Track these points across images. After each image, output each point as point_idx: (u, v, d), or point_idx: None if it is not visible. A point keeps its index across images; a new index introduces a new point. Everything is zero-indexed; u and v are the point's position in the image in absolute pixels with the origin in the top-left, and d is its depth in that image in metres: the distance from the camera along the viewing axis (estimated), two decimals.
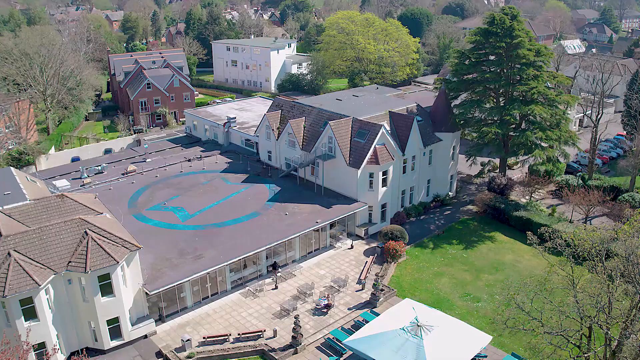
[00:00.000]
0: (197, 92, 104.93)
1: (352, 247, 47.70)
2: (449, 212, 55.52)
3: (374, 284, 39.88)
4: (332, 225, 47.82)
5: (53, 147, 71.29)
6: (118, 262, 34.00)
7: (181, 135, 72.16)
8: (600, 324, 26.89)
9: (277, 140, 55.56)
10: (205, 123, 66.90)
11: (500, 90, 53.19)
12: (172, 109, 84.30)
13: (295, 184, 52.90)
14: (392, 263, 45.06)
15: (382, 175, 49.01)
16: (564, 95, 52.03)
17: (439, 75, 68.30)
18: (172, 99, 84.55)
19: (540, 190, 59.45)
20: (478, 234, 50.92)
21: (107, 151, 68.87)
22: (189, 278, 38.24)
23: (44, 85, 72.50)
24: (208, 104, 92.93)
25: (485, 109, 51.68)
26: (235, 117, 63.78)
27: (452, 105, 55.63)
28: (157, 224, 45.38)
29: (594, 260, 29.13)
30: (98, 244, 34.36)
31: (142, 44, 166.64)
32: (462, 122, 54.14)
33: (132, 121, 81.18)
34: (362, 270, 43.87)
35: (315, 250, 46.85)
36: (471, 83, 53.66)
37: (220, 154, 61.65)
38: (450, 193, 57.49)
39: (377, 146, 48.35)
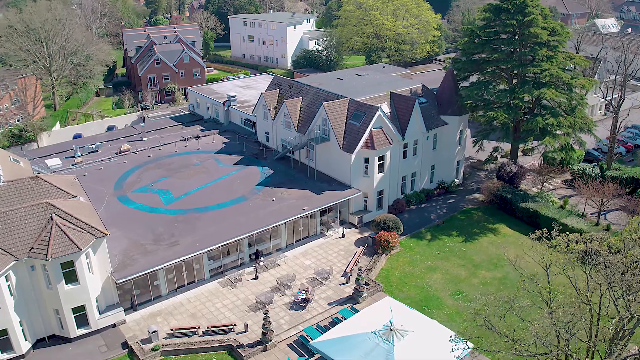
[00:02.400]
0: (212, 68, 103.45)
1: (343, 235, 45.21)
2: (453, 200, 52.07)
3: (356, 278, 37.41)
4: (324, 212, 45.45)
5: (58, 124, 71.15)
6: (81, 250, 32.67)
7: (185, 113, 70.51)
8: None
9: (273, 120, 53.06)
10: (207, 101, 64.92)
11: (513, 72, 48.74)
12: (181, 85, 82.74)
13: (290, 167, 50.47)
14: (383, 255, 42.39)
15: (379, 161, 45.95)
16: (580, 79, 47.15)
17: (457, 54, 63.79)
18: (182, 75, 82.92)
19: (555, 180, 55.09)
20: (481, 226, 47.46)
21: (110, 128, 68.09)
22: (160, 266, 36.71)
23: (48, 60, 71.86)
24: (221, 80, 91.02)
25: (492, 91, 47.44)
26: (235, 96, 61.44)
27: (460, 86, 51.57)
28: (139, 207, 44.00)
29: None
30: (62, 230, 33.06)
31: (166, 18, 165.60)
32: (469, 104, 50.12)
33: (141, 97, 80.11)
34: (350, 262, 41.46)
35: (304, 238, 44.61)
36: (481, 63, 49.36)
37: (219, 133, 59.71)
38: (456, 180, 53.91)
39: (373, 129, 45.20)
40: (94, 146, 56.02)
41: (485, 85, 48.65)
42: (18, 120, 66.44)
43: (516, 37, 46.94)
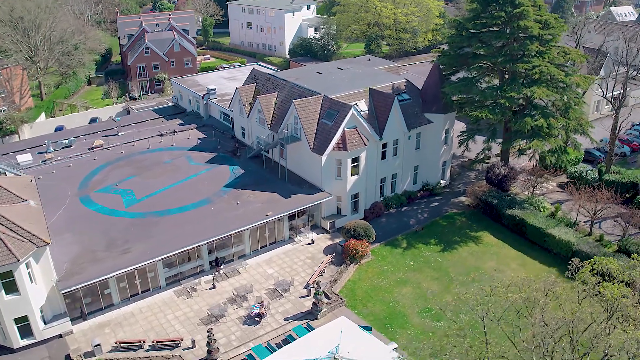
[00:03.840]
0: (208, 55, 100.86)
1: (312, 242, 42.64)
2: (437, 203, 48.89)
3: (315, 293, 34.92)
4: (293, 217, 42.94)
5: (43, 115, 69.72)
6: (19, 260, 30.88)
7: (170, 105, 68.25)
8: None
9: (248, 117, 50.42)
10: (189, 93, 62.51)
11: (504, 68, 44.94)
12: (172, 75, 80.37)
13: (262, 166, 47.90)
14: (352, 265, 39.73)
15: (353, 163, 43.05)
16: (576, 76, 43.10)
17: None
18: (173, 64, 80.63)
19: (550, 182, 51.34)
20: (462, 233, 44.30)
21: (93, 120, 66.30)
22: (108, 276, 34.78)
23: (33, 50, 70.20)
24: (215, 68, 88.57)
25: (478, 89, 43.77)
26: (215, 89, 58.83)
27: (448, 82, 47.89)
28: (99, 209, 42.07)
29: None
30: (0, 238, 31.36)
31: (172, 2, 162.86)
32: (456, 102, 46.57)
33: (131, 87, 78.12)
34: (314, 273, 38.94)
35: (270, 244, 42.22)
36: (468, 58, 45.60)
37: (197, 128, 57.35)
38: (442, 181, 50.63)
39: (346, 129, 42.22)
40: (67, 141, 54.28)
41: (472, 82, 44.98)
42: (1, 112, 65.17)
43: (506, 30, 42.98)
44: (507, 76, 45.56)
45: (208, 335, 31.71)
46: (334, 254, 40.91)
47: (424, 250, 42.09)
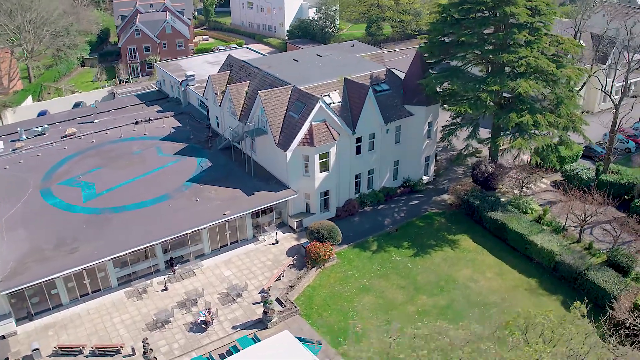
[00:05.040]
0: (207, 37, 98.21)
1: (277, 242, 40.32)
2: (417, 201, 45.81)
3: (264, 301, 32.71)
4: (261, 214, 40.65)
5: (30, 99, 68.58)
6: None
7: (154, 90, 66.11)
8: None
9: (219, 106, 47.89)
10: (170, 79, 60.21)
11: (488, 58, 41.07)
12: (164, 57, 78.25)
13: (230, 159, 45.48)
14: (314, 269, 37.31)
15: (321, 159, 40.26)
16: (568, 68, 38.92)
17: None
18: (164, 46, 78.35)
19: (542, 181, 47.57)
20: (439, 236, 41.25)
21: (77, 105, 64.80)
22: (52, 276, 33.21)
23: (17, 32, 68.67)
24: (212, 50, 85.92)
25: (458, 82, 40.07)
26: (193, 75, 56.28)
27: (428, 73, 44.19)
28: (56, 203, 40.45)
29: None
30: None
31: None
32: (437, 93, 42.98)
33: (118, 70, 76.30)
34: (272, 277, 36.69)
35: (232, 243, 40.08)
36: (451, 47, 41.81)
37: (174, 116, 55.12)
38: (425, 177, 47.41)
39: (313, 123, 39.35)
40: (40, 129, 52.80)
41: (455, 72, 41.30)
42: None
43: (493, 17, 38.89)
44: (494, 67, 41.77)
45: (143, 346, 30.04)
46: (295, 257, 38.55)
47: (394, 254, 39.31)
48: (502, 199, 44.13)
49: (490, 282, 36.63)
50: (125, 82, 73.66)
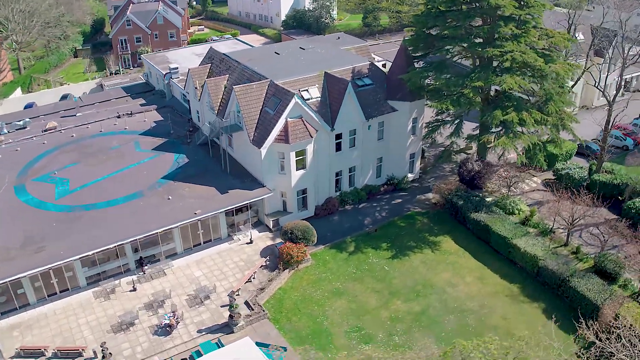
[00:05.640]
0: (203, 27, 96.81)
1: (251, 241, 39.19)
2: (400, 200, 44.33)
3: (230, 305, 31.65)
4: (237, 212, 39.54)
5: (19, 90, 67.86)
6: None
7: (142, 82, 64.99)
8: None
9: (199, 100, 46.64)
10: (155, 71, 59.02)
11: (472, 53, 39.21)
12: (156, 48, 77.00)
13: (208, 155, 44.32)
14: (286, 271, 36.14)
15: (298, 156, 38.91)
16: (558, 63, 36.94)
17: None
18: (156, 37, 77.09)
19: (533, 179, 45.82)
20: (420, 237, 39.80)
21: (64, 97, 63.91)
22: (17, 276, 32.45)
23: (4, 23, 67.79)
24: (206, 40, 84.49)
25: (441, 77, 38.31)
26: (177, 67, 55.01)
27: (421, 67, 42.45)
28: (28, 200, 39.67)
29: None
30: None
31: None
32: (421, 88, 41.26)
33: (108, 61, 75.24)
34: (242, 278, 35.60)
35: (205, 242, 39.03)
36: (435, 40, 39.98)
37: (157, 109, 54.01)
38: (410, 175, 45.85)
39: (289, 120, 37.95)
40: (21, 123, 51.99)
41: (439, 67, 39.53)
42: None
43: (480, 8, 36.91)
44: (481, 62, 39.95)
45: (102, 350, 29.19)
46: (268, 258, 37.41)
47: (371, 256, 37.97)
48: (489, 199, 42.52)
49: (469, 287, 35.18)
50: (115, 73, 72.65)
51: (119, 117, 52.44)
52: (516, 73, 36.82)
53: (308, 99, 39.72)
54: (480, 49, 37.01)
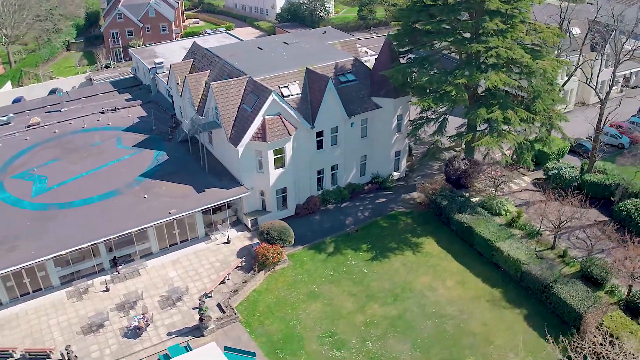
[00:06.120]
0: (198, 20, 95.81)
1: (228, 241, 38.41)
2: (384, 199, 43.29)
3: (199, 308, 30.92)
4: (214, 211, 38.77)
5: (9, 84, 67.33)
6: None
7: (130, 76, 64.11)
8: None
9: (180, 96, 45.76)
10: (142, 66, 58.15)
11: (464, 47, 37.86)
12: (147, 41, 76.13)
13: (188, 153, 43.48)
14: (262, 272, 35.33)
15: (276, 154, 37.96)
16: (546, 59, 35.51)
17: None
18: (148, 30, 76.18)
19: (523, 179, 44.58)
20: (402, 239, 38.77)
21: (52, 92, 63.29)
22: None
23: None
24: (200, 34, 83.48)
25: (423, 73, 37.06)
26: (162, 62, 54.11)
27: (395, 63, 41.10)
28: (4, 198, 39.04)
29: None
30: None
31: None
32: (404, 85, 40.04)
33: (98, 55, 74.45)
34: (216, 280, 34.84)
35: (182, 242, 38.31)
36: (418, 36, 38.68)
37: (142, 104, 53.21)
38: (395, 173, 44.75)
39: (266, 117, 36.98)
40: (5, 118, 51.40)
41: (422, 63, 38.30)
42: None
43: (466, 2, 35.54)
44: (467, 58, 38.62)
45: (67, 353, 28.63)
46: (243, 258, 36.61)
47: (350, 258, 37.05)
48: (476, 199, 41.44)
49: (449, 292, 34.15)
50: (106, 67, 71.91)
51: (102, 112, 51.71)
52: (502, 69, 35.53)
53: (288, 96, 38.70)
54: (464, 45, 35.71)
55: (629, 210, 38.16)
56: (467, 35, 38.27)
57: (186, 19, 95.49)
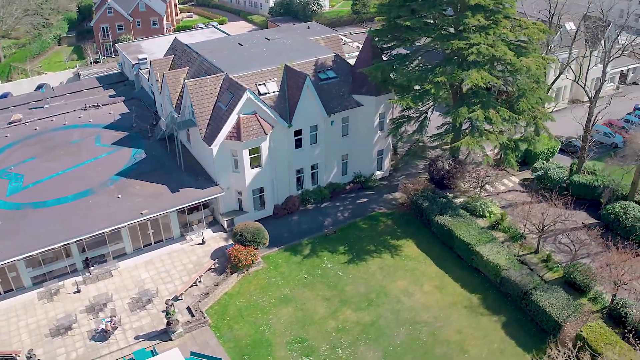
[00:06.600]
0: (191, 13, 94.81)
1: (203, 242, 37.70)
2: (366, 199, 42.38)
3: (166, 312, 30.27)
4: (190, 211, 38.06)
5: None
6: None
7: (117, 72, 63.33)
8: None
9: (160, 93, 44.95)
10: (128, 61, 57.34)
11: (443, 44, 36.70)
12: (138, 36, 75.28)
13: (166, 151, 42.71)
14: (235, 275, 34.61)
15: (252, 154, 37.10)
16: (530, 56, 34.29)
17: None
18: (138, 25, 75.31)
19: (511, 179, 43.48)
20: (381, 241, 37.89)
21: (39, 87, 62.69)
22: None
23: None
24: (192, 28, 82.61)
25: (402, 71, 35.97)
26: (145, 58, 53.25)
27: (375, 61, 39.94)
28: None
29: None
30: None
31: None
32: (383, 83, 38.95)
33: (86, 50, 73.72)
34: (187, 282, 34.15)
35: (157, 242, 37.65)
36: (398, 32, 37.57)
37: (125, 101, 52.45)
38: (378, 172, 43.82)
39: (241, 116, 36.11)
40: None
41: (403, 60, 37.19)
42: None
43: None
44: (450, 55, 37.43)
45: (30, 357, 28.08)
46: (217, 260, 35.88)
47: (326, 260, 36.22)
48: (460, 199, 40.47)
49: (426, 297, 33.25)
50: (95, 62, 71.20)
51: (84, 109, 51.02)
52: (484, 67, 34.37)
53: (265, 94, 37.80)
54: (444, 42, 34.57)
55: (617, 213, 37.06)
56: (452, 31, 37.20)
57: (180, 12, 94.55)
